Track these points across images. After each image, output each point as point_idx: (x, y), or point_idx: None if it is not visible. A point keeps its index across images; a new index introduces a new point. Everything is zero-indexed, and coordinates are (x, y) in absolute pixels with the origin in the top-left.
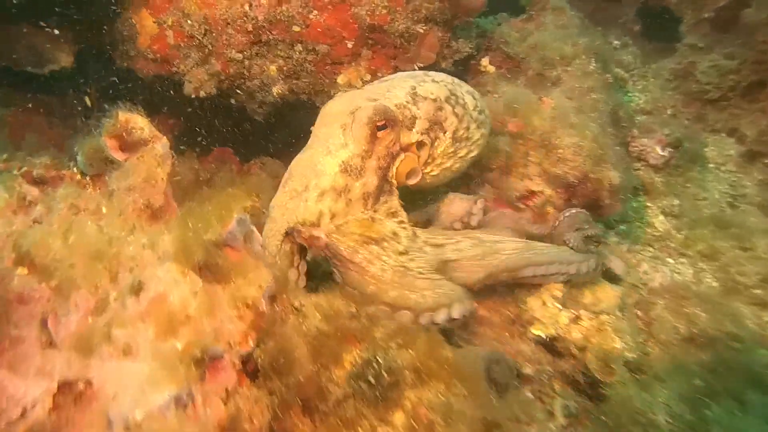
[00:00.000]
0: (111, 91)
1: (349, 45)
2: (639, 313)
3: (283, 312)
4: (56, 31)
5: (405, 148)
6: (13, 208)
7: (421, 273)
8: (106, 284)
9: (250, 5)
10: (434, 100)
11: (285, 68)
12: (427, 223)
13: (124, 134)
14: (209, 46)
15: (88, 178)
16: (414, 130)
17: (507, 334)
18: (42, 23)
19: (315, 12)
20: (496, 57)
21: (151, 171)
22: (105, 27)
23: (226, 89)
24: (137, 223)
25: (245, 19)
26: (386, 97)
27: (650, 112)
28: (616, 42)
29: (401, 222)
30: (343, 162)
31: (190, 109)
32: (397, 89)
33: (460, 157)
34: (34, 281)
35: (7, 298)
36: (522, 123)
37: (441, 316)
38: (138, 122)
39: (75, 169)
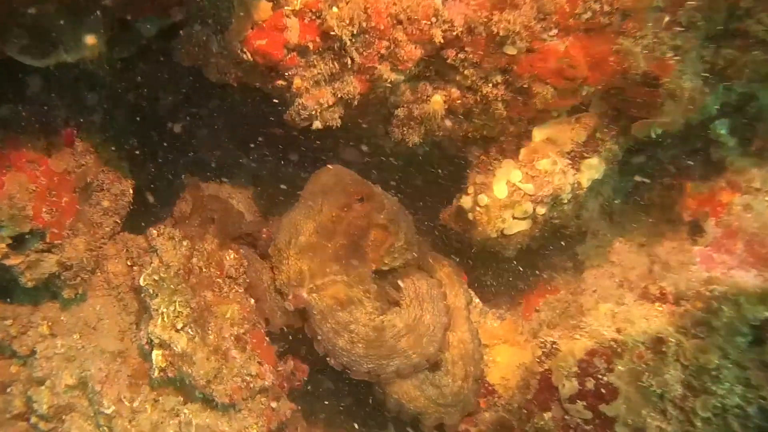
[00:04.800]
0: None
1: (584, 92)
2: None
3: None
4: None
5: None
6: None
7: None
8: None
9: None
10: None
11: (457, 102)
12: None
13: None
14: (354, 55)
15: None
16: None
17: None
18: None
19: (554, 32)
20: None
21: None
22: None
23: (348, 118)
24: None
25: (433, 20)
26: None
27: None
28: None
29: (366, 291)
30: (317, 224)
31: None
32: None
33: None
34: None
35: None
36: None
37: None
38: None
39: None
